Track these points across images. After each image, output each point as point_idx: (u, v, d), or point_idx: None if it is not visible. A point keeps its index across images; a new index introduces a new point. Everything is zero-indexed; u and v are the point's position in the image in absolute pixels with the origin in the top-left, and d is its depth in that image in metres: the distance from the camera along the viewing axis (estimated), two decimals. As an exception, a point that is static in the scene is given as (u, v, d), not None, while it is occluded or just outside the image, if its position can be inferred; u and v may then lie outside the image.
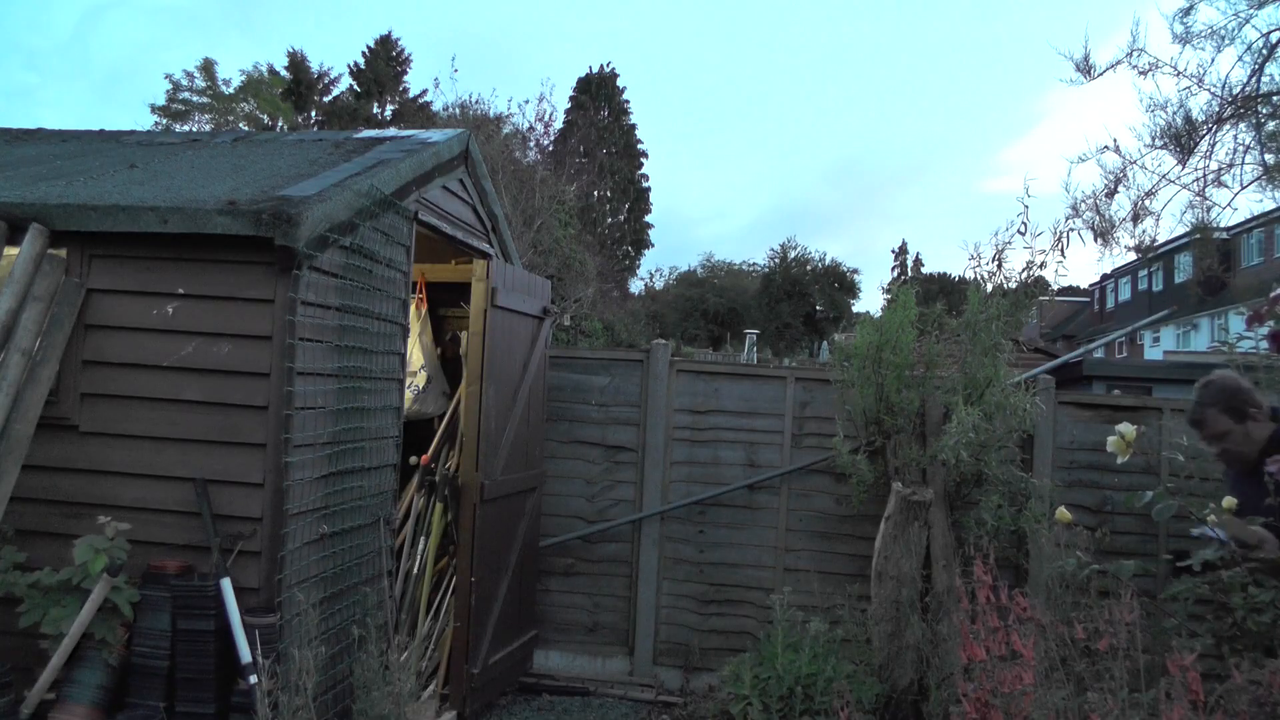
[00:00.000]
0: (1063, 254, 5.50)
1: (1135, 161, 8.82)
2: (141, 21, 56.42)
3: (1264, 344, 3.67)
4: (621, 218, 41.55)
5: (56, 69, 55.57)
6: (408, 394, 5.54)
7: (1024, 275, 5.60)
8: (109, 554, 3.63)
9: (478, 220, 6.01)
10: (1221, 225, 10.39)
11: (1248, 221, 19.30)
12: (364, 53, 36.13)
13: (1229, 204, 8.94)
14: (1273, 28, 8.38)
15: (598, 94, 39.75)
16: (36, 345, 3.86)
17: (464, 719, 5.10)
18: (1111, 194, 8.86)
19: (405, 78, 36.46)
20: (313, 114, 34.52)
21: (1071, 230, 7.38)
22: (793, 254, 45.34)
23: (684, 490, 6.20)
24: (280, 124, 30.00)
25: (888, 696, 4.94)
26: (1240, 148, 8.54)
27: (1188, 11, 8.49)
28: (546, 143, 23.71)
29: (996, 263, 5.62)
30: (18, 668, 3.71)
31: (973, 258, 5.64)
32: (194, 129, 26.84)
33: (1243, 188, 8.58)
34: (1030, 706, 2.62)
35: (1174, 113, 8.65)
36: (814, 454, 6.03)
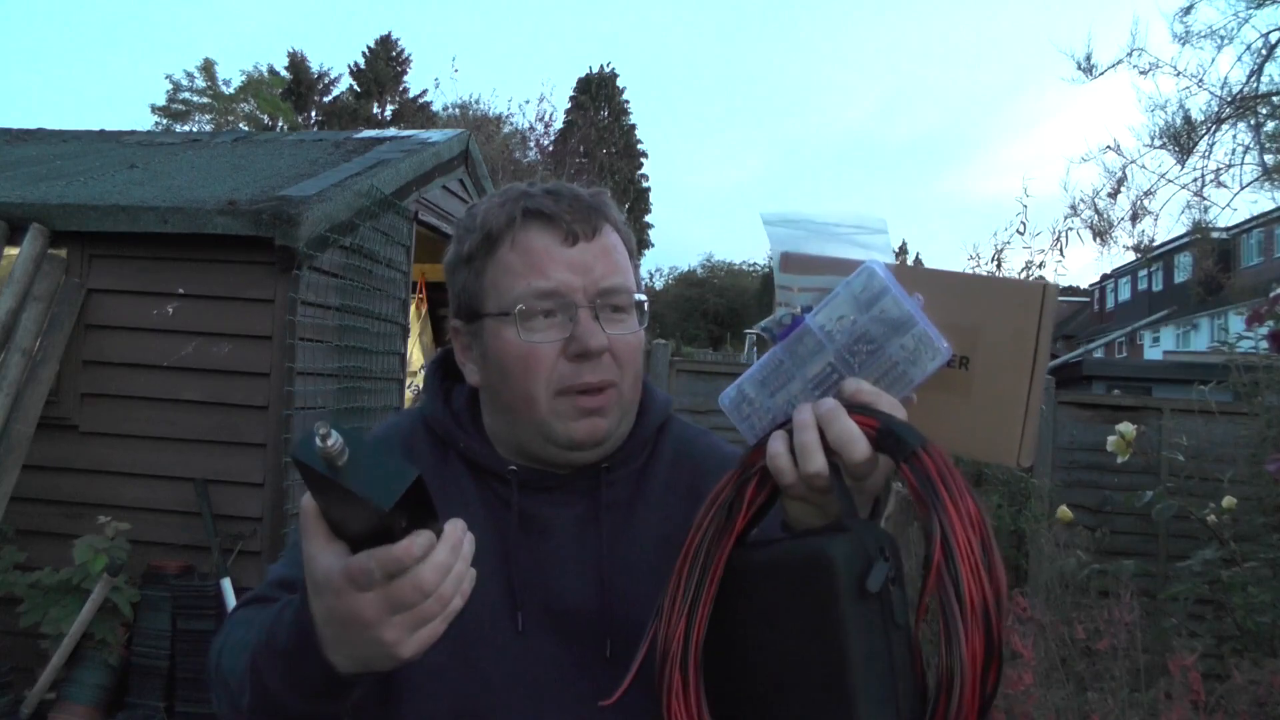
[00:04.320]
0: (1062, 254, 5.51)
1: (1135, 161, 8.82)
2: (142, 21, 56.43)
3: (1264, 344, 3.66)
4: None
5: (57, 69, 55.60)
6: (408, 394, 5.54)
7: (1024, 275, 5.60)
8: (109, 554, 3.63)
9: (478, 220, 6.01)
10: (1221, 225, 10.40)
11: (1247, 221, 19.31)
12: (364, 53, 36.09)
13: (1228, 204, 8.94)
14: (1272, 28, 8.38)
15: (598, 94, 39.72)
16: (36, 345, 3.85)
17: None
18: (1114, 194, 8.86)
19: (405, 78, 36.41)
20: (313, 114, 34.49)
21: (1070, 230, 7.40)
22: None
23: (684, 490, 6.18)
24: (280, 124, 29.97)
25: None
26: (1239, 148, 8.55)
27: (1188, 10, 8.49)
28: (546, 143, 23.73)
29: (996, 262, 5.63)
30: (18, 668, 3.71)
31: (972, 258, 5.65)
32: (194, 129, 26.85)
33: (1242, 188, 8.58)
34: (1031, 707, 2.63)
35: (1173, 113, 8.66)
36: (814, 454, 6.01)
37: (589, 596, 0.92)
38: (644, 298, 0.95)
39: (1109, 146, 9.01)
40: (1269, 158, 8.50)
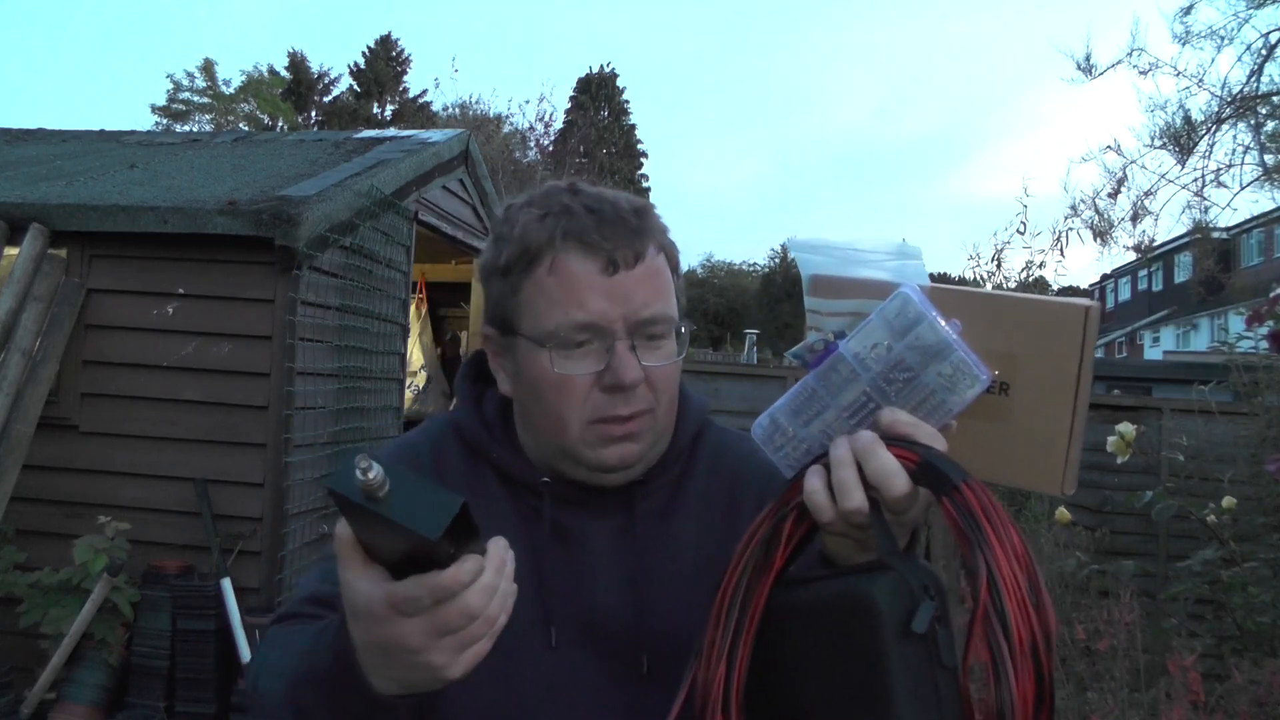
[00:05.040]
0: (1062, 254, 5.52)
1: (1135, 161, 8.83)
2: (142, 21, 56.48)
3: (1264, 344, 3.66)
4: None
5: (57, 69, 55.63)
6: (408, 394, 5.55)
7: (1023, 275, 5.61)
8: (109, 554, 3.63)
9: (478, 220, 6.01)
10: (1221, 225, 10.40)
11: (1247, 221, 19.32)
12: (364, 53, 36.11)
13: (1228, 204, 8.94)
14: (1272, 28, 8.38)
15: (598, 94, 39.71)
16: (36, 345, 3.86)
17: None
18: (1114, 194, 8.87)
19: (405, 78, 36.43)
20: (313, 114, 34.51)
21: (1070, 230, 7.41)
22: (793, 254, 45.33)
23: (684, 490, 6.18)
24: (280, 124, 29.98)
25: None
26: (1239, 148, 8.55)
27: (1188, 10, 8.50)
28: (546, 143, 23.76)
29: (996, 262, 5.65)
30: (18, 668, 3.71)
31: (972, 257, 5.66)
32: (194, 129, 26.85)
33: (1242, 188, 8.58)
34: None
35: (1173, 113, 8.66)
36: (814, 454, 6.01)
37: (624, 610, 0.90)
38: (684, 325, 0.91)
39: (1109, 146, 9.02)
40: (1269, 158, 8.51)
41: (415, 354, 6.36)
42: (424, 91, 33.70)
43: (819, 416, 0.76)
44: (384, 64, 36.10)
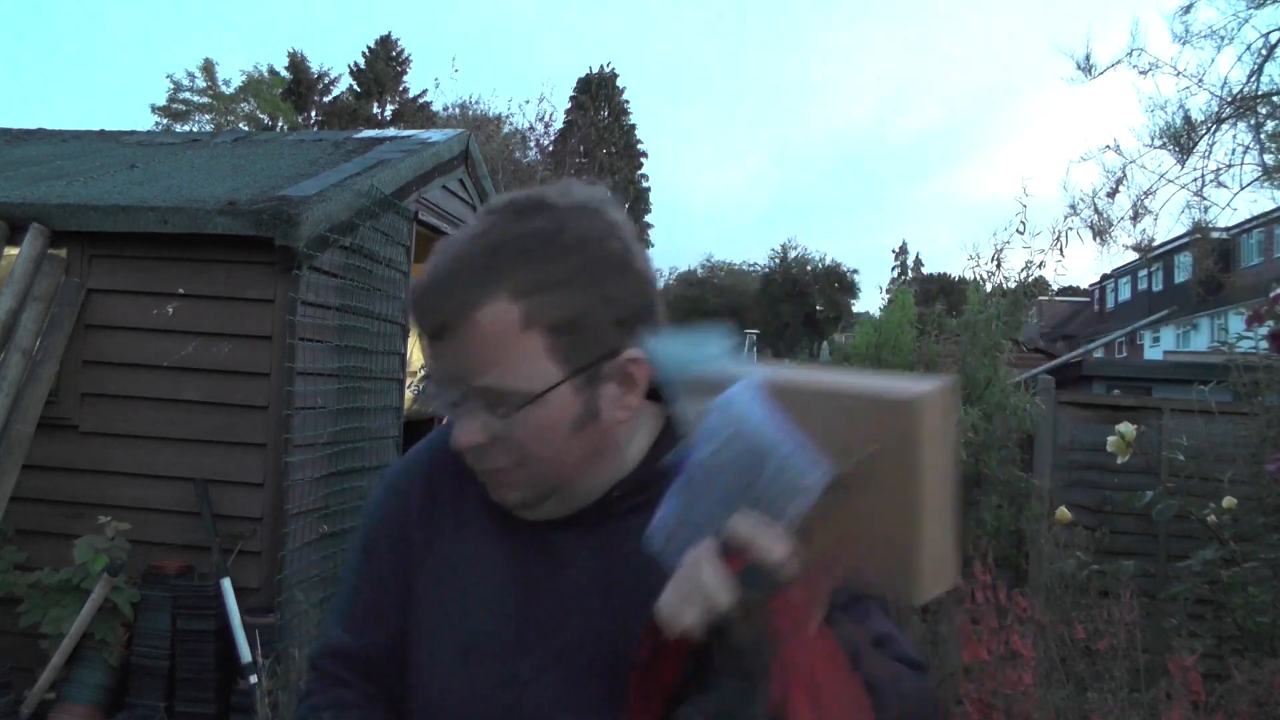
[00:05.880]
0: (1061, 253, 5.52)
1: (1134, 161, 8.82)
2: (142, 21, 56.49)
3: (1264, 344, 3.66)
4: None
5: (57, 69, 55.62)
6: (408, 394, 5.54)
7: (1023, 275, 5.61)
8: (109, 554, 3.63)
9: (478, 220, 6.01)
10: (1221, 225, 10.38)
11: (1247, 221, 19.31)
12: (364, 53, 36.12)
13: (1228, 204, 8.92)
14: (1272, 28, 8.37)
15: (598, 94, 39.70)
16: (36, 345, 3.85)
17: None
18: (1113, 194, 8.85)
19: (405, 78, 36.45)
20: (313, 114, 34.52)
21: (1070, 230, 7.41)
22: (793, 254, 45.46)
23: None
24: (280, 124, 29.97)
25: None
26: (1239, 148, 8.53)
27: (1187, 10, 8.49)
28: (546, 143, 23.73)
29: (996, 262, 5.65)
30: (18, 668, 3.71)
31: (972, 258, 5.66)
32: (194, 129, 26.84)
33: (1242, 188, 8.57)
34: (1031, 707, 2.62)
35: (1173, 113, 8.64)
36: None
37: (600, 627, 0.89)
38: (573, 383, 0.82)
39: (1108, 146, 9.00)
40: (1269, 158, 8.49)
41: (415, 354, 6.36)
42: (424, 91, 33.72)
43: (693, 524, 0.73)
44: (384, 64, 36.09)
